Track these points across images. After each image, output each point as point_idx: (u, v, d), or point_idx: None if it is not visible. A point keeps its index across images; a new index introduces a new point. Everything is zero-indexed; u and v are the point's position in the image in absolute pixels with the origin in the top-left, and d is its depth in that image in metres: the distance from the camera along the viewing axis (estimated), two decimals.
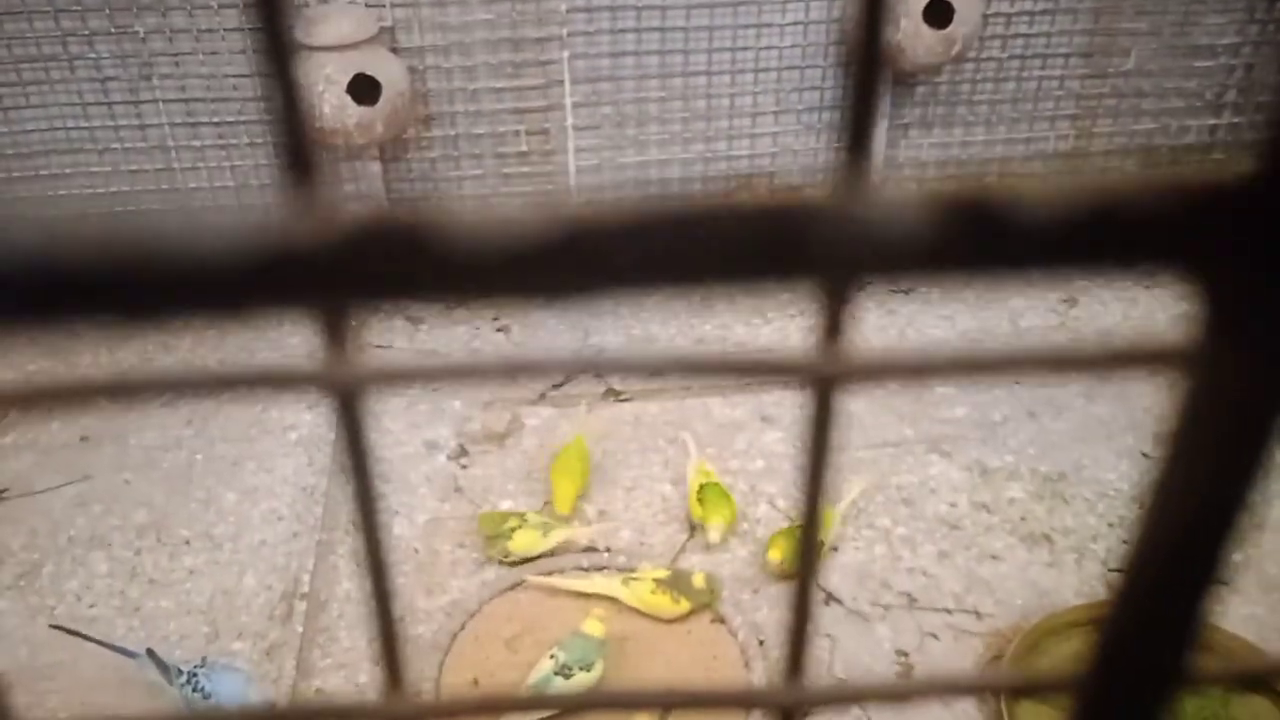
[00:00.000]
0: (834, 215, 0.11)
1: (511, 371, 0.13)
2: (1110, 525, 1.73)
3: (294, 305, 0.11)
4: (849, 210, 0.11)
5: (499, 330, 2.22)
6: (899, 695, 0.17)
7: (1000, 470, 1.84)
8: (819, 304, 0.12)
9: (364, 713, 0.18)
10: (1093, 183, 0.11)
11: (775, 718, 0.17)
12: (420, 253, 0.11)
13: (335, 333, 0.12)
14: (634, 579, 1.60)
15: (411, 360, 0.12)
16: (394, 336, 2.18)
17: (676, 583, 1.58)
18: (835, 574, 1.65)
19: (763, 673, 1.50)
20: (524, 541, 1.65)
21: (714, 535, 1.68)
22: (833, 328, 0.13)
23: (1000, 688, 0.18)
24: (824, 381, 0.13)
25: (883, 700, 0.17)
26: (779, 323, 2.21)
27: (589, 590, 1.61)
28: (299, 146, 0.11)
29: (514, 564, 1.66)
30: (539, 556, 1.66)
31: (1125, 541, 0.16)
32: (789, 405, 1.95)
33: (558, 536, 1.67)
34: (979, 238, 0.11)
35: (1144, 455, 1.87)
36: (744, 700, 0.17)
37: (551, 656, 1.47)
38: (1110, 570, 1.65)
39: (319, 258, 0.11)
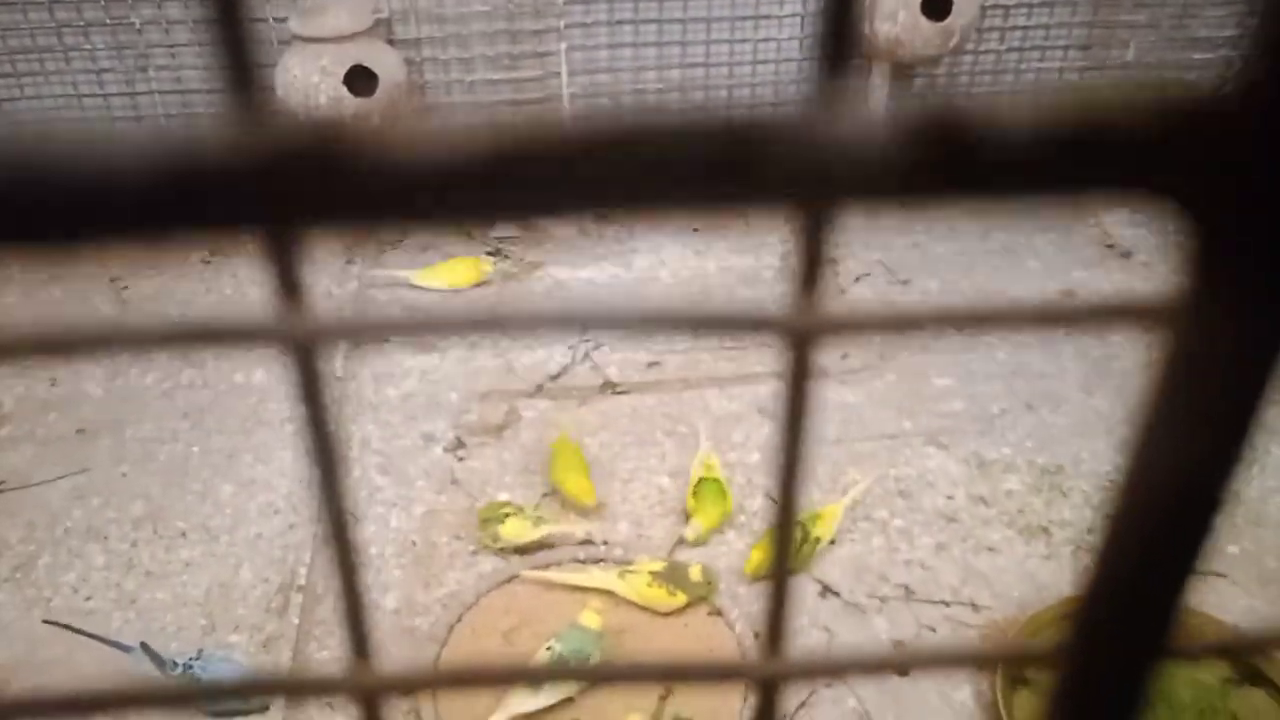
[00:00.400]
0: (801, 131, 0.10)
1: (473, 327, 0.12)
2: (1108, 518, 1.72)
3: (219, 224, 0.11)
4: (817, 127, 0.10)
5: None
6: (879, 666, 0.17)
7: (998, 463, 1.84)
8: (795, 245, 0.12)
9: (331, 685, 0.17)
10: (1074, 101, 0.11)
11: (756, 691, 0.17)
12: (356, 166, 0.10)
13: (289, 283, 0.12)
14: (630, 572, 1.60)
15: (371, 318, 0.12)
16: None
17: (673, 576, 1.58)
18: (832, 567, 1.65)
19: None
20: (514, 529, 1.65)
21: (689, 533, 1.68)
22: (810, 278, 0.12)
23: (979, 659, 0.17)
24: (800, 335, 0.13)
25: (863, 672, 0.17)
26: None
27: (585, 584, 1.60)
28: (238, 53, 0.11)
29: (503, 551, 1.66)
30: (528, 546, 1.66)
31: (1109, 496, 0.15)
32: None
33: (548, 528, 1.67)
34: (951, 157, 0.11)
35: None
36: (725, 672, 0.16)
37: (548, 649, 1.47)
38: None
39: (249, 172, 0.10)
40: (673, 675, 0.17)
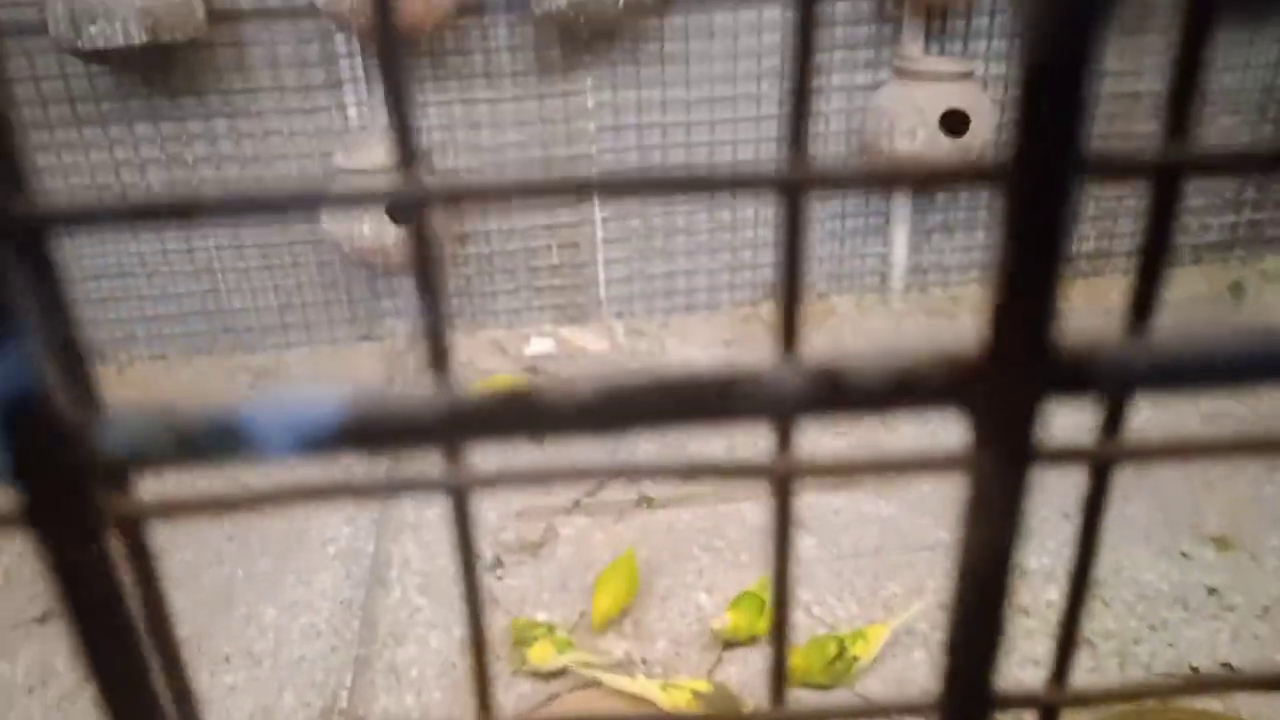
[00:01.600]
0: (742, 379, 0.19)
1: (586, 474, 0.22)
2: (1152, 628, 1.70)
3: (452, 442, 0.20)
4: (752, 376, 0.19)
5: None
6: (864, 713, 0.22)
7: (1038, 572, 1.83)
8: (770, 427, 0.21)
9: None
10: (898, 353, 0.19)
11: None
12: (521, 411, 0.20)
13: (451, 456, 0.21)
14: (674, 686, 1.59)
15: (511, 466, 0.20)
16: None
17: (717, 701, 1.57)
18: (875, 681, 1.64)
19: None
20: (540, 654, 1.66)
21: (715, 622, 1.69)
22: (783, 441, 0.22)
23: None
24: (781, 479, 0.22)
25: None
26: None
27: (627, 689, 1.60)
28: (439, 341, 0.20)
29: (532, 675, 1.66)
30: (555, 672, 1.66)
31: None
32: (823, 511, 1.95)
33: (573, 656, 1.67)
34: (830, 392, 0.19)
35: (1183, 555, 1.85)
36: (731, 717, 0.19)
37: None
38: (1154, 674, 1.62)
39: (461, 414, 0.20)
40: None
